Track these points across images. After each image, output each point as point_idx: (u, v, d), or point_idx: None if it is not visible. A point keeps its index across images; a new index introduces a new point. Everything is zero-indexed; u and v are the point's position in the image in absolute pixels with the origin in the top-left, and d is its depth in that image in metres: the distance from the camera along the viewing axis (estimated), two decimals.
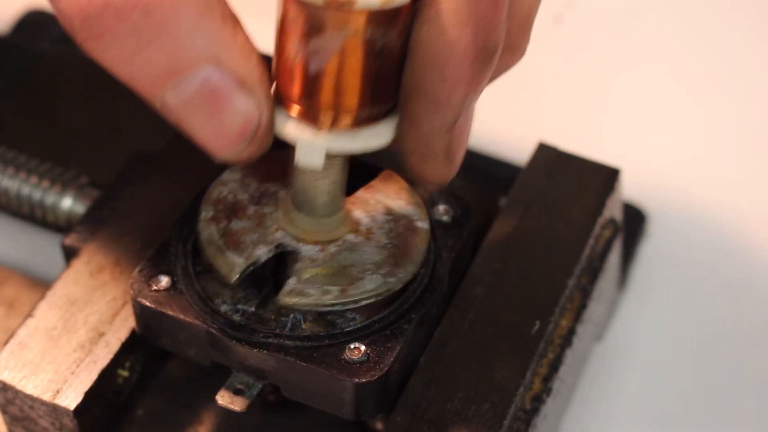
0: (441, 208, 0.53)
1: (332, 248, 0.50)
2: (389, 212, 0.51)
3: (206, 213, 0.51)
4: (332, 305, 0.48)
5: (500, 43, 0.44)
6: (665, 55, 0.74)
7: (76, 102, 0.67)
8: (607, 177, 0.56)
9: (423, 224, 0.51)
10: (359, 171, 0.53)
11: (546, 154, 0.57)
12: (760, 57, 0.74)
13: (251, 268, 0.49)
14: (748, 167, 0.69)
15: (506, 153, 0.66)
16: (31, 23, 0.72)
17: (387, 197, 0.52)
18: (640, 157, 0.69)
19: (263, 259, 0.49)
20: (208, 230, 0.50)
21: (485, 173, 0.64)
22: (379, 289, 0.49)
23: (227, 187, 0.51)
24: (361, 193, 0.52)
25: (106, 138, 0.65)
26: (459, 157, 0.48)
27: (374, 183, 0.52)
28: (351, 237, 0.50)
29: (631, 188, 0.63)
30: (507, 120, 0.71)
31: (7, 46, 0.70)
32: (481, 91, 0.45)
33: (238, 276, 0.49)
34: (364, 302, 0.49)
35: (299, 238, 0.50)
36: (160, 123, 0.46)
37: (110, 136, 0.65)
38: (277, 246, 0.49)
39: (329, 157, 0.46)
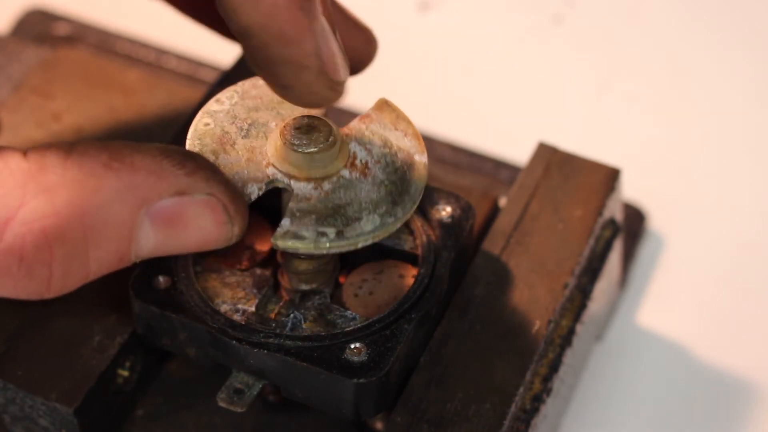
0: (441, 208, 0.52)
1: (326, 185, 0.47)
2: (386, 144, 0.49)
3: (191, 147, 0.48)
4: (328, 248, 0.47)
5: None
6: (665, 54, 0.74)
7: (76, 102, 0.67)
8: (607, 177, 0.56)
9: (421, 157, 0.49)
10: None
11: (546, 154, 0.57)
12: (760, 58, 0.74)
13: None
14: (748, 167, 0.69)
15: (506, 153, 0.66)
16: (31, 23, 0.72)
17: (383, 128, 0.50)
18: (640, 157, 0.69)
19: (254, 197, 0.48)
20: None
21: (485, 173, 0.64)
22: (377, 231, 0.47)
23: (214, 118, 0.50)
24: (356, 123, 0.50)
25: (106, 138, 0.65)
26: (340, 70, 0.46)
27: (370, 112, 0.50)
28: (346, 172, 0.48)
29: (631, 188, 0.63)
30: (507, 120, 0.71)
31: (7, 46, 0.69)
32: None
33: None
34: (361, 245, 0.47)
35: (291, 174, 0.48)
36: (160, 123, 0.46)
37: (110, 136, 0.65)
38: (268, 183, 0.48)
39: None
